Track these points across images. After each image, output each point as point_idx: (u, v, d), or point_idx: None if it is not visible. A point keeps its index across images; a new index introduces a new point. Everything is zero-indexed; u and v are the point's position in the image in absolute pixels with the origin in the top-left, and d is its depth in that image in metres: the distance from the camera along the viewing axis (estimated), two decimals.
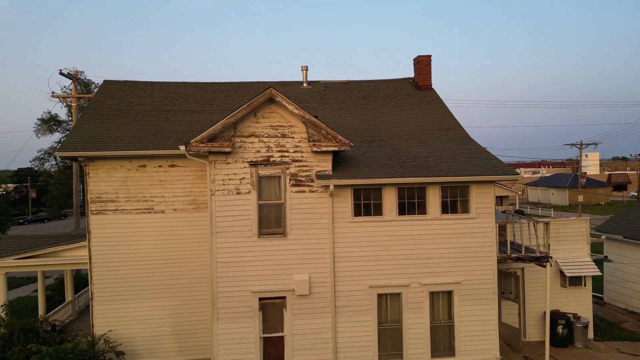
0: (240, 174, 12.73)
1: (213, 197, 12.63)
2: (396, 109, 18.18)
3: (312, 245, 12.90)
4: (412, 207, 13.38)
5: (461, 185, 13.48)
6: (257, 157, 12.77)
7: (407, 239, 13.24)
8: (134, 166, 14.81)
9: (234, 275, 12.68)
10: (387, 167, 13.55)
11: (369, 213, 13.23)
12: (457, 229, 13.40)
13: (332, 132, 12.54)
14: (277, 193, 12.88)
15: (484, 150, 15.08)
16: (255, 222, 12.73)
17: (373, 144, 15.58)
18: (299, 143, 12.90)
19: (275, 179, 12.88)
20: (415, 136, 16.30)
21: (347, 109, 18.05)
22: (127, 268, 14.84)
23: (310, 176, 12.90)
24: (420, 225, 13.30)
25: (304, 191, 12.89)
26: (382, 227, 13.18)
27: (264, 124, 12.82)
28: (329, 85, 19.71)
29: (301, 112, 12.44)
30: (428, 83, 19.37)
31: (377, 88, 19.61)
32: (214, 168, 12.60)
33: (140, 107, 17.28)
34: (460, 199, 13.54)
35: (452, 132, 16.61)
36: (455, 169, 13.47)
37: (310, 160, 12.92)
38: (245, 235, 12.71)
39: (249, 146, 12.75)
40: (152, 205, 14.95)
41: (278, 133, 12.85)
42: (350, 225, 13.07)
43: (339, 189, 12.95)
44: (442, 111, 17.87)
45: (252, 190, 12.73)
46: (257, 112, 12.73)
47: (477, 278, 13.42)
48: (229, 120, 12.19)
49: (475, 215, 13.43)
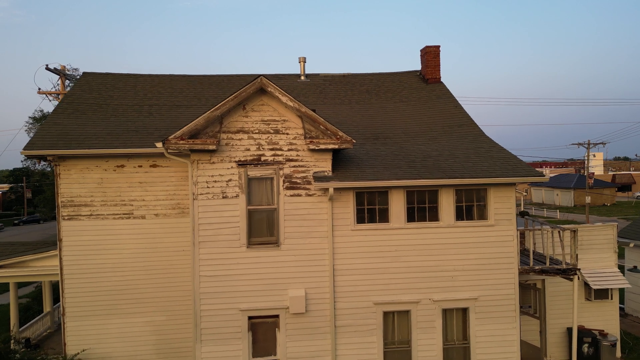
0: (226, 175, 11.16)
1: (196, 202, 11.06)
2: (402, 104, 16.61)
3: (309, 256, 11.33)
4: (423, 213, 11.81)
5: (478, 188, 11.91)
6: (246, 156, 11.20)
7: (417, 249, 11.67)
8: (110, 166, 13.27)
9: (220, 291, 11.10)
10: (394, 167, 11.99)
11: (374, 220, 11.66)
12: (473, 237, 11.83)
13: (331, 127, 10.97)
14: (269, 197, 11.31)
15: (501, 148, 13.51)
16: (244, 230, 11.16)
17: (377, 141, 14.01)
18: (294, 140, 11.33)
19: (267, 180, 11.31)
20: (424, 133, 14.74)
21: (349, 104, 16.49)
22: (103, 280, 13.32)
23: (307, 178, 11.33)
24: (432, 233, 11.73)
25: (299, 195, 11.32)
26: (388, 235, 11.61)
27: (254, 118, 11.25)
28: (328, 78, 18.15)
29: (296, 105, 10.88)
30: (437, 76, 17.81)
31: (381, 82, 18.05)
32: (196, 168, 11.04)
33: (121, 101, 15.73)
34: (476, 203, 11.97)
35: (464, 128, 15.05)
36: (471, 170, 11.90)
37: (306, 160, 11.35)
38: (232, 245, 11.14)
39: (237, 144, 11.18)
40: (132, 209, 13.42)
41: (270, 129, 11.28)
42: (353, 233, 11.51)
43: (339, 192, 11.39)
44: (453, 106, 16.30)
45: (240, 194, 11.16)
46: (246, 104, 11.16)
47: (496, 293, 11.85)
48: (214, 114, 10.62)
49: (494, 222, 11.86)
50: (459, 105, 16.33)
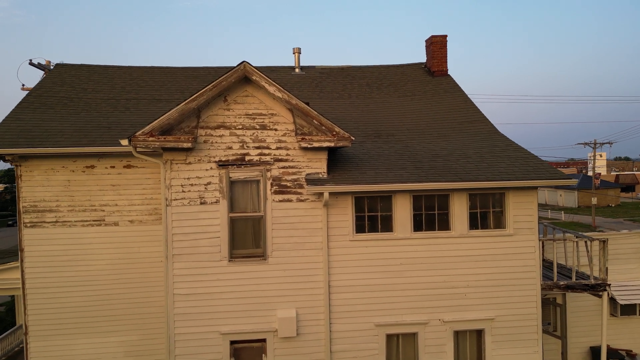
0: (205, 177, 9.66)
1: (169, 209, 9.56)
2: (406, 99, 15.11)
3: (300, 271, 9.83)
4: (431, 221, 10.31)
5: (495, 193, 10.42)
6: (227, 155, 9.70)
7: (425, 262, 10.17)
8: (79, 167, 11.76)
9: (197, 311, 9.60)
10: (398, 168, 10.49)
11: (376, 229, 10.17)
12: (489, 249, 10.33)
13: (326, 122, 9.48)
14: (254, 203, 9.80)
15: (519, 147, 12.01)
16: (226, 241, 9.66)
17: (379, 139, 12.51)
18: (283, 137, 9.83)
19: (253, 184, 9.81)
20: (431, 130, 13.23)
21: (348, 98, 14.98)
22: (72, 295, 11.82)
23: (299, 180, 9.84)
24: (442, 244, 10.23)
25: (290, 200, 9.83)
26: (392, 247, 10.11)
27: (238, 111, 9.75)
28: (325, 71, 16.64)
29: (286, 96, 9.37)
30: (443, 68, 16.30)
31: (383, 74, 16.54)
32: (169, 170, 9.54)
33: (95, 94, 14.22)
34: (493, 210, 10.47)
35: (475, 125, 13.54)
36: (487, 171, 10.40)
37: (298, 160, 9.85)
38: (212, 258, 9.63)
39: (218, 141, 9.68)
40: (103, 215, 11.92)
41: (256, 124, 9.78)
42: (351, 244, 10.01)
43: (336, 197, 9.90)
44: (462, 100, 14.80)
45: (221, 199, 9.66)
46: (227, 95, 9.66)
47: (516, 313, 10.34)
48: (189, 106, 9.11)
49: (513, 232, 10.36)
50: (468, 99, 14.83)
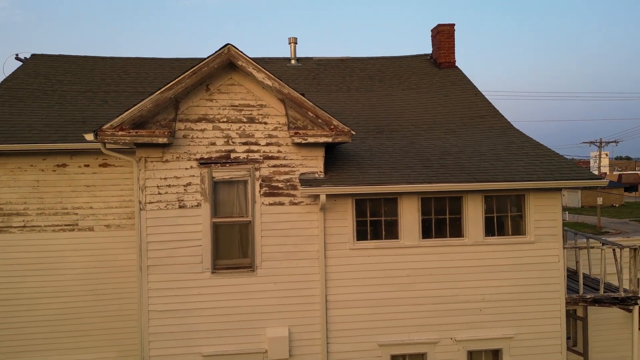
0: (184, 177, 8.47)
1: (143, 213, 8.36)
2: (411, 92, 13.93)
3: (293, 284, 8.65)
4: (442, 227, 9.14)
5: (513, 195, 9.24)
6: (210, 152, 8.51)
7: (435, 273, 8.99)
8: (49, 166, 10.58)
9: (176, 330, 8.41)
10: (404, 167, 9.31)
11: (379, 236, 8.99)
12: (507, 258, 9.16)
13: (323, 114, 8.29)
14: (241, 206, 8.62)
15: (537, 143, 10.83)
16: (208, 250, 8.47)
17: (382, 135, 11.33)
18: (274, 132, 8.64)
19: (239, 185, 8.62)
20: (439, 125, 12.05)
21: (347, 91, 13.80)
22: (41, 307, 10.65)
23: (292, 181, 8.65)
24: (454, 253, 9.05)
25: (282, 203, 8.64)
26: (398, 256, 8.93)
27: (222, 102, 8.56)
28: (323, 62, 15.46)
29: (276, 84, 8.18)
30: (451, 59, 15.12)
31: (386, 66, 15.36)
32: (144, 169, 8.34)
33: (71, 86, 13.03)
34: (511, 214, 9.29)
35: (487, 119, 12.36)
36: (504, 171, 9.22)
37: (291, 158, 8.67)
38: (192, 270, 8.45)
39: (199, 136, 8.49)
40: (76, 219, 10.74)
41: (243, 116, 8.59)
42: (352, 253, 8.83)
43: (334, 199, 8.72)
44: (472, 93, 13.62)
45: (203, 202, 8.47)
46: (210, 84, 8.46)
47: (537, 330, 9.17)
48: (165, 95, 7.92)
49: (534, 239, 9.18)
50: (479, 92, 13.65)
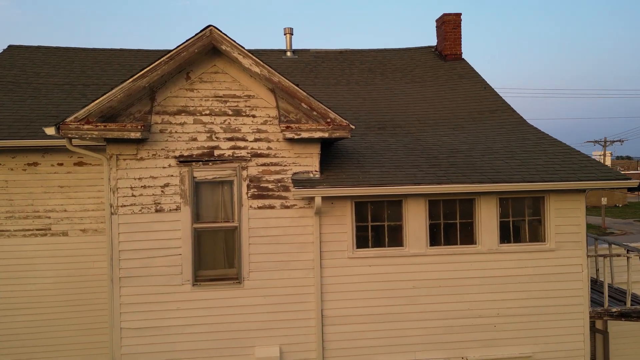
0: (162, 177, 7.50)
1: (115, 218, 7.38)
2: (415, 85, 12.96)
3: (285, 297, 7.68)
4: (452, 233, 8.17)
5: (531, 197, 8.28)
6: (191, 148, 7.54)
7: (445, 285, 8.03)
8: (19, 164, 9.65)
9: (152, 350, 7.43)
10: (409, 166, 8.34)
11: (381, 242, 8.02)
12: (524, 268, 8.19)
13: (319, 106, 7.32)
14: (226, 210, 7.65)
15: (555, 140, 9.87)
16: (189, 259, 7.50)
17: (384, 131, 10.37)
18: (263, 125, 7.68)
19: (224, 186, 7.65)
20: (446, 121, 11.09)
21: (346, 85, 12.84)
22: (10, 319, 9.73)
23: (283, 181, 7.69)
24: (466, 262, 8.08)
25: (272, 207, 7.67)
26: (402, 265, 7.97)
27: (204, 92, 7.58)
28: (321, 54, 14.50)
29: (265, 71, 7.20)
30: (457, 51, 14.15)
31: (387, 59, 14.40)
32: (115, 167, 7.37)
33: (48, 79, 12.05)
34: (529, 218, 8.33)
35: (499, 114, 11.40)
36: (521, 170, 8.26)
37: (283, 155, 7.70)
38: (171, 282, 7.48)
39: (178, 130, 7.52)
40: (49, 223, 9.81)
41: (228, 108, 7.62)
42: (351, 262, 7.86)
43: (331, 202, 7.75)
44: (481, 87, 12.66)
45: (182, 206, 7.50)
46: (190, 71, 7.49)
47: (558, 349, 8.20)
48: (138, 84, 6.94)
49: (555, 246, 8.22)
50: (488, 86, 12.69)
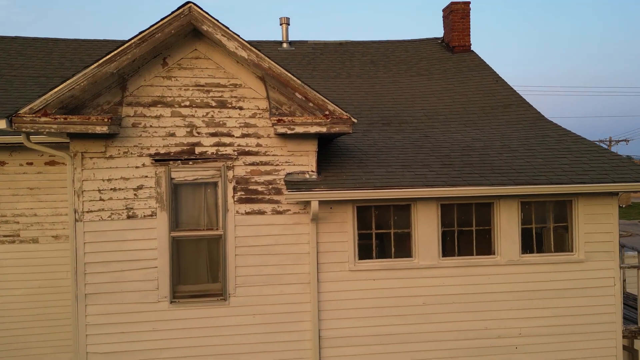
0: (135, 178, 6.51)
1: (80, 225, 6.39)
2: (421, 78, 11.99)
3: (278, 316, 6.70)
4: (467, 242, 7.19)
5: (556, 201, 7.31)
6: (169, 145, 6.55)
7: (459, 301, 7.05)
8: None
9: None
10: (419, 165, 7.37)
11: (387, 253, 7.04)
12: (549, 281, 7.22)
13: (316, 96, 6.34)
14: (210, 216, 6.66)
15: (579, 137, 8.89)
16: (166, 273, 6.52)
17: (389, 127, 9.39)
18: (252, 119, 6.69)
19: (207, 188, 6.67)
20: (456, 116, 10.11)
21: (347, 77, 11.87)
22: None
23: (275, 183, 6.71)
24: (484, 275, 7.10)
25: (262, 212, 6.69)
26: (411, 279, 6.99)
27: (183, 80, 6.59)
28: (319, 46, 13.52)
29: (253, 56, 6.22)
30: (466, 42, 13.18)
31: (390, 50, 13.42)
32: (80, 167, 6.38)
33: (23, 71, 11.07)
34: (554, 225, 7.36)
35: (513, 110, 10.42)
36: (546, 170, 7.28)
37: (274, 153, 6.72)
38: (145, 299, 6.49)
39: (154, 124, 6.53)
40: (18, 229, 8.84)
41: (211, 99, 6.64)
42: (352, 276, 6.89)
43: (330, 207, 6.78)
44: (492, 80, 11.68)
45: (159, 211, 6.51)
46: (167, 56, 6.50)
47: None
48: (104, 70, 5.94)
49: (584, 257, 7.24)
50: (500, 79, 11.72)
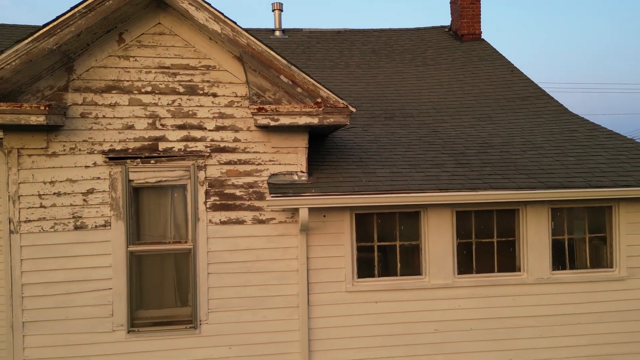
0: (84, 180, 5.34)
1: (16, 238, 5.21)
2: (427, 68, 10.82)
3: (259, 347, 5.53)
4: (487, 256, 6.03)
5: (592, 207, 6.15)
6: (126, 140, 5.38)
7: (478, 328, 5.89)
8: None
9: None
10: (428, 165, 6.21)
11: (391, 270, 5.88)
12: (585, 304, 6.06)
13: (305, 79, 5.17)
14: (177, 226, 5.50)
15: (612, 132, 7.73)
16: (123, 295, 5.35)
17: (393, 121, 8.23)
18: (228, 108, 5.52)
19: (174, 192, 5.50)
20: (468, 109, 8.95)
21: (345, 67, 10.70)
22: None
23: (257, 186, 5.54)
24: (507, 296, 5.94)
25: (241, 221, 5.52)
26: (421, 301, 5.83)
27: (144, 61, 5.42)
28: (315, 34, 12.35)
29: (229, 30, 5.07)
30: (476, 30, 12.01)
31: (393, 39, 12.25)
32: (16, 166, 5.21)
33: None
34: (590, 236, 6.20)
35: (532, 102, 9.26)
36: (581, 171, 6.13)
37: (256, 150, 5.55)
38: (97, 328, 5.32)
39: (108, 114, 5.36)
40: None
41: (179, 84, 5.47)
42: (350, 298, 5.72)
43: (323, 215, 5.61)
44: (507, 70, 10.51)
45: (114, 221, 5.34)
46: (124, 31, 5.33)
47: None
48: (41, 45, 4.76)
49: (626, 273, 6.08)
50: (516, 69, 10.54)
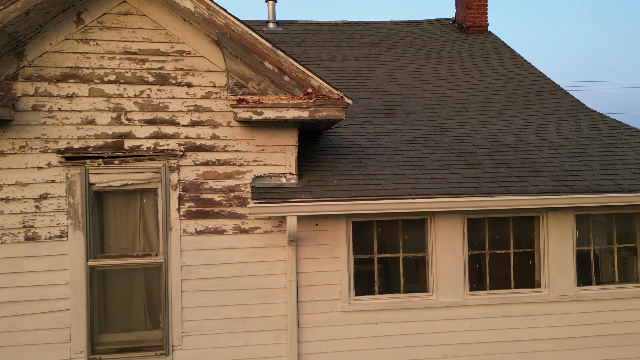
0: (36, 183, 4.60)
1: None
2: (431, 62, 10.09)
3: None
4: (502, 270, 5.31)
5: (619, 214, 5.43)
6: (86, 137, 4.65)
7: (493, 352, 5.16)
8: None
9: None
10: (435, 166, 5.48)
11: (393, 287, 5.15)
12: (613, 324, 5.34)
13: (294, 66, 4.44)
14: (148, 237, 4.76)
15: (635, 129, 7.01)
16: (83, 317, 4.62)
17: (394, 118, 7.50)
18: (205, 100, 4.79)
19: (143, 197, 4.77)
20: (477, 105, 8.22)
21: (343, 61, 9.98)
22: None
23: (239, 190, 4.81)
24: (525, 316, 5.22)
25: (220, 231, 4.79)
26: (427, 322, 5.10)
27: (107, 45, 4.68)
28: (312, 27, 11.62)
29: (203, 7, 4.30)
30: (482, 22, 11.28)
31: (394, 32, 11.53)
32: None
33: None
34: (618, 246, 5.47)
35: (546, 97, 8.53)
36: (608, 173, 5.40)
37: (237, 149, 4.82)
38: (52, 354, 4.56)
39: (64, 107, 4.62)
40: None
41: (147, 72, 4.73)
42: (346, 319, 4.99)
43: (315, 224, 4.89)
44: (517, 63, 9.79)
45: (71, 230, 4.60)
46: (83, 10, 4.59)
47: None
48: None
49: None
50: (526, 62, 9.83)
